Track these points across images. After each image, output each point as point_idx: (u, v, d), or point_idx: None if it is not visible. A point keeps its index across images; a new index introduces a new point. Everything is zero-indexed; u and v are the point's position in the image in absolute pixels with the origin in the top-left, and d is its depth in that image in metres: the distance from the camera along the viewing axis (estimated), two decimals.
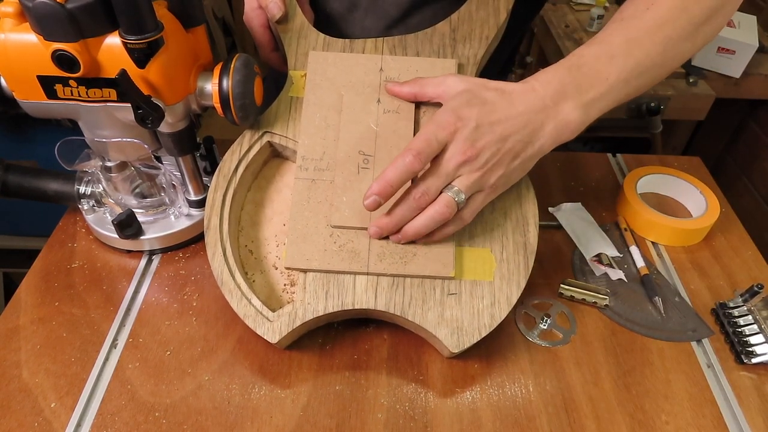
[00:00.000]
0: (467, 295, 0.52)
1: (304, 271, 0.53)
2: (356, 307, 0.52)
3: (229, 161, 0.57)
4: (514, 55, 0.83)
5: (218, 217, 0.55)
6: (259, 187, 0.60)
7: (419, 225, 0.51)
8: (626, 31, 0.51)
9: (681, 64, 0.53)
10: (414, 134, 0.56)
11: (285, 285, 0.55)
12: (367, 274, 0.52)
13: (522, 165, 0.52)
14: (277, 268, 0.56)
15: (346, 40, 0.61)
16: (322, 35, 0.61)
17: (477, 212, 0.52)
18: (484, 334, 0.51)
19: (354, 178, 0.55)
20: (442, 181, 0.50)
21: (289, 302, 0.54)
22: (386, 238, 0.53)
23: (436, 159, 0.50)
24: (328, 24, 0.69)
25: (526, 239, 0.55)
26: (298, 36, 0.61)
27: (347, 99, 0.57)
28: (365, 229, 0.53)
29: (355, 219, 0.53)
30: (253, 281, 0.55)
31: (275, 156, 0.62)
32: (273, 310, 0.52)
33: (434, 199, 0.50)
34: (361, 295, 0.52)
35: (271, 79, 0.83)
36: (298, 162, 0.56)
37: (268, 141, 0.58)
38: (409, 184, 0.50)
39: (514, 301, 0.52)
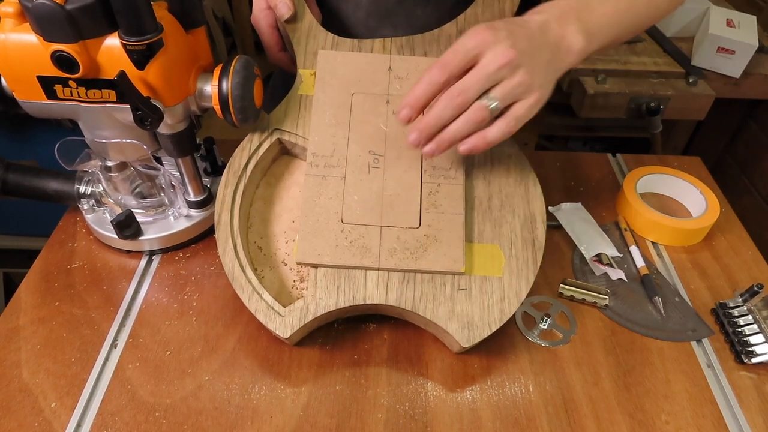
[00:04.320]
0: (477, 291, 0.53)
1: (316, 266, 0.53)
2: (367, 302, 0.52)
3: (239, 157, 0.57)
4: None
5: (228, 213, 0.55)
6: (268, 184, 0.61)
7: (454, 129, 0.49)
8: None
9: (656, 21, 0.58)
10: None
11: (294, 281, 0.55)
12: (378, 269, 0.53)
13: (550, 77, 0.51)
14: (286, 265, 0.56)
15: (355, 39, 0.61)
16: (330, 35, 0.62)
17: (525, 118, 0.50)
18: (494, 329, 0.51)
19: (365, 177, 0.55)
20: (481, 81, 0.48)
21: (298, 298, 0.54)
22: (403, 233, 0.53)
23: (477, 65, 0.48)
24: (334, 23, 0.69)
25: (534, 236, 0.55)
26: (307, 36, 0.61)
27: (357, 99, 0.58)
28: (376, 225, 0.54)
29: (366, 218, 0.54)
30: (263, 277, 0.55)
31: (284, 153, 0.62)
32: (283, 306, 0.52)
33: (472, 101, 0.49)
34: (372, 290, 0.52)
35: (279, 78, 0.83)
36: (308, 159, 0.56)
37: (278, 138, 0.59)
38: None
39: (524, 296, 0.53)
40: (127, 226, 0.60)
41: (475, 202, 0.56)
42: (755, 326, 0.56)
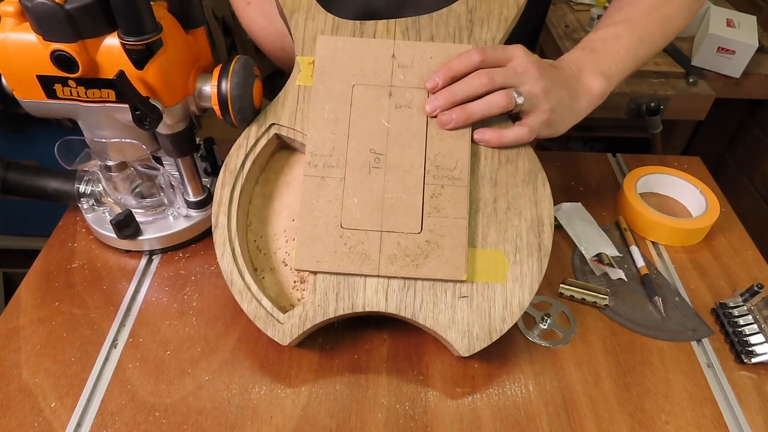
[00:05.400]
0: (479, 298, 0.51)
1: (314, 272, 0.52)
2: (366, 309, 0.51)
3: (235, 156, 0.56)
4: (539, 30, 0.82)
5: (226, 215, 0.54)
6: (267, 180, 0.59)
7: (478, 105, 0.53)
8: (627, 15, 0.60)
9: (681, 30, 0.63)
10: (426, 130, 0.54)
11: (295, 282, 0.55)
12: (378, 276, 0.52)
13: (565, 113, 0.56)
14: (286, 265, 0.56)
15: (357, 22, 0.58)
16: (330, 16, 0.58)
17: (535, 132, 0.55)
18: (495, 338, 0.51)
19: (365, 178, 0.53)
20: (508, 74, 0.53)
21: (299, 300, 0.54)
22: (404, 239, 0.52)
23: (508, 65, 0.54)
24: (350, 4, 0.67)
25: (540, 240, 0.53)
26: (306, 17, 0.58)
27: (357, 91, 0.55)
28: (376, 230, 0.52)
29: (366, 222, 0.52)
30: (263, 278, 0.55)
31: (283, 147, 0.60)
32: (283, 308, 0.52)
33: (496, 87, 0.53)
34: (371, 297, 0.51)
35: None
36: (306, 158, 0.54)
37: (276, 133, 0.57)
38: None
39: (527, 304, 0.51)
40: (126, 225, 0.60)
41: (479, 204, 0.54)
42: (755, 326, 0.56)
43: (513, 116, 0.56)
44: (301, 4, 0.59)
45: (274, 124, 0.57)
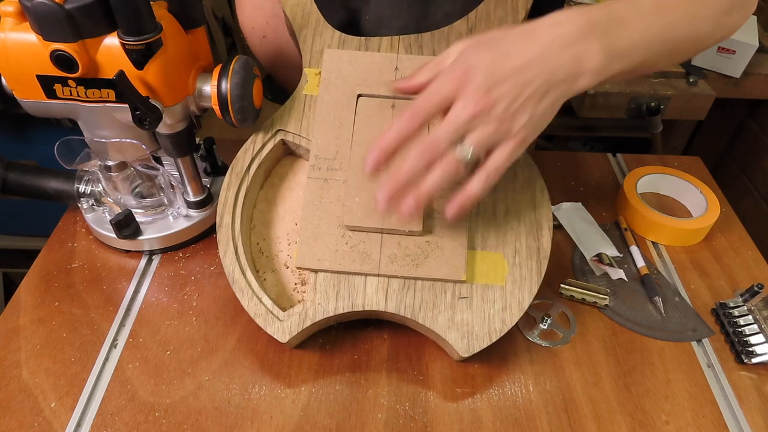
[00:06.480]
0: (479, 299, 0.52)
1: (315, 271, 0.53)
2: (366, 308, 0.51)
3: (242, 159, 0.57)
4: None
5: (230, 215, 0.55)
6: (272, 185, 0.60)
7: (430, 183, 0.45)
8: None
9: (697, 52, 0.54)
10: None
11: (296, 284, 0.55)
12: (378, 275, 0.52)
13: (550, 108, 0.46)
14: (288, 267, 0.56)
15: (362, 38, 0.60)
16: (337, 32, 0.60)
17: (505, 167, 0.46)
18: (494, 339, 0.51)
19: (367, 180, 0.54)
20: (450, 133, 0.44)
21: (299, 301, 0.54)
22: (405, 239, 0.52)
23: (449, 114, 0.44)
24: (348, 16, 0.68)
25: (539, 244, 0.54)
26: (314, 33, 0.60)
27: (361, 102, 0.57)
28: (377, 230, 0.53)
29: (367, 220, 0.53)
30: (264, 279, 0.55)
31: (288, 154, 0.61)
32: (283, 309, 0.52)
33: (443, 152, 0.45)
34: (371, 296, 0.52)
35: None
36: (311, 161, 0.55)
37: (282, 139, 0.58)
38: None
39: (526, 306, 0.52)
40: (125, 225, 0.60)
41: (479, 208, 0.55)
42: (755, 326, 0.56)
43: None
44: (310, 21, 0.61)
45: (280, 129, 0.58)
